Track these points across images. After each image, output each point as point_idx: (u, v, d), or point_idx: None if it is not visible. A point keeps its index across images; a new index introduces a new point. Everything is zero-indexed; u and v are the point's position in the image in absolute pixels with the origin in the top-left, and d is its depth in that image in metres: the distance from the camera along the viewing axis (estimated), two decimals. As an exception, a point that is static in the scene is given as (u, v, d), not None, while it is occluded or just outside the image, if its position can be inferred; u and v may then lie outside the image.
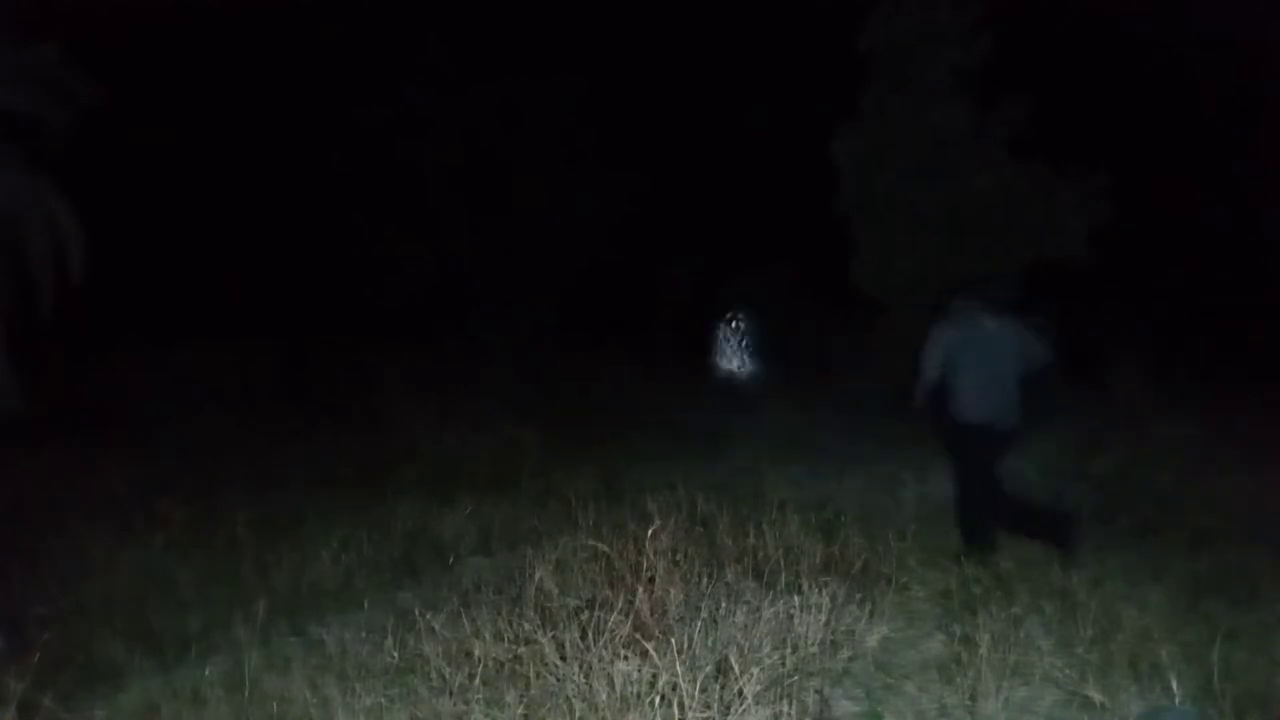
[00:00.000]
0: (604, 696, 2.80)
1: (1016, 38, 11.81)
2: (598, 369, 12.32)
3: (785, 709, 2.82)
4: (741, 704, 2.77)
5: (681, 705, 2.73)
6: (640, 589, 3.49)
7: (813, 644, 3.25)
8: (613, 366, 12.38)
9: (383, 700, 3.06)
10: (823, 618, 3.37)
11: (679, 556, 4.05)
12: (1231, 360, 10.71)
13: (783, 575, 3.93)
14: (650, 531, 3.95)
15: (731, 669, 2.90)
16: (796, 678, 3.02)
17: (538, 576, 3.79)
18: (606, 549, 4.05)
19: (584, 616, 3.37)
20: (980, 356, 4.55)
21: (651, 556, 3.77)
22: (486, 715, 2.88)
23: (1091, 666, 3.24)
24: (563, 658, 3.05)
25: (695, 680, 2.79)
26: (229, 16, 12.84)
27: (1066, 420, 8.10)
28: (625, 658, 3.00)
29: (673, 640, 2.94)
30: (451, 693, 3.01)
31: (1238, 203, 12.83)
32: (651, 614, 3.35)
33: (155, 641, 3.83)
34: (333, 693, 3.06)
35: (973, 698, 3.04)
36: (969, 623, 3.60)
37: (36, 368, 8.19)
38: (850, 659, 3.32)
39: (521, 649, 3.14)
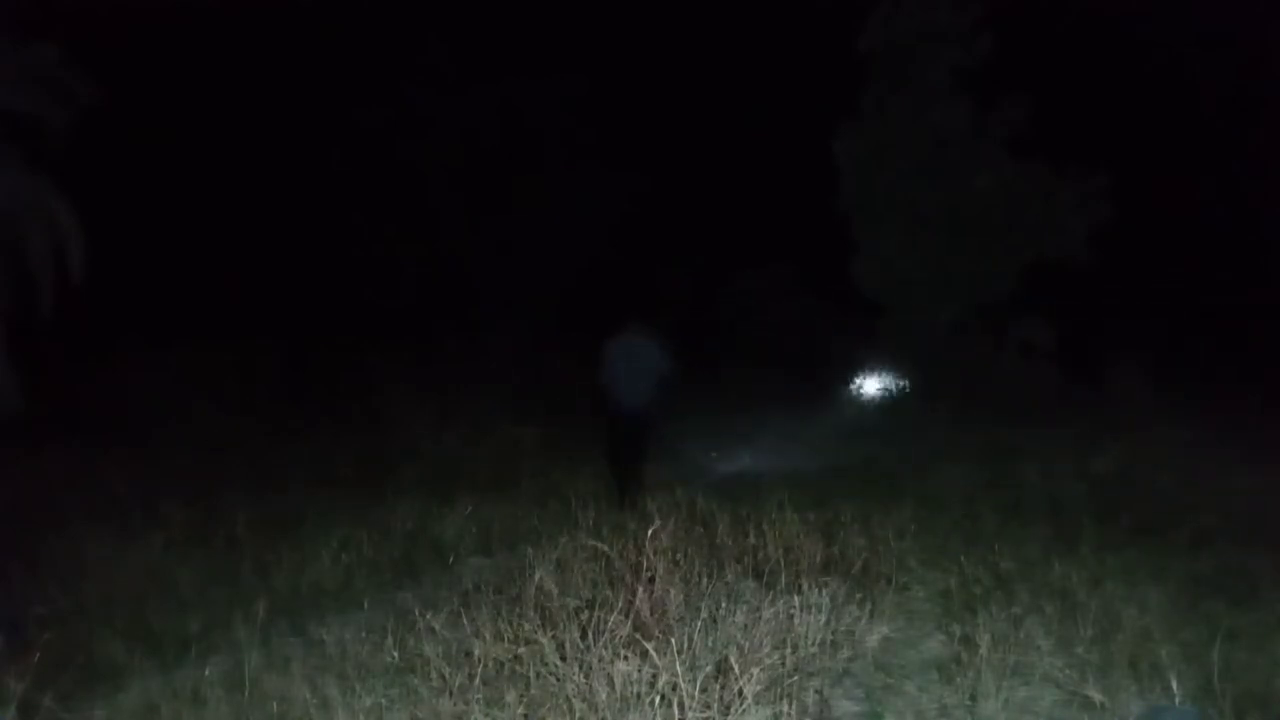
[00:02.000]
0: (604, 696, 2.79)
1: (1016, 38, 11.81)
2: (598, 369, 12.29)
3: (785, 709, 2.82)
4: (741, 704, 2.77)
5: (681, 705, 2.72)
6: (640, 589, 3.49)
7: (813, 644, 3.25)
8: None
9: (383, 700, 3.06)
10: (823, 618, 3.36)
11: (679, 556, 4.05)
12: (1231, 360, 10.71)
13: (782, 575, 3.93)
14: (650, 531, 3.94)
15: (731, 669, 2.89)
16: (796, 678, 3.01)
17: (538, 576, 3.78)
18: (606, 549, 4.05)
19: (584, 616, 3.36)
20: (632, 365, 6.60)
21: (651, 556, 3.76)
22: (487, 715, 2.88)
23: (1091, 666, 3.24)
24: (563, 658, 3.04)
25: (695, 680, 2.78)
26: (229, 16, 12.85)
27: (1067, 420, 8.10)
28: (625, 658, 3.00)
29: (673, 640, 2.94)
30: (452, 693, 3.01)
31: (1238, 203, 12.82)
32: (651, 614, 3.35)
33: (155, 641, 3.83)
34: (333, 693, 3.06)
35: (973, 698, 3.03)
36: (969, 623, 3.60)
37: (36, 368, 8.18)
38: (850, 659, 3.31)
39: (521, 649, 3.14)
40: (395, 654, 3.37)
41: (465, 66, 14.47)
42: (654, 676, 2.85)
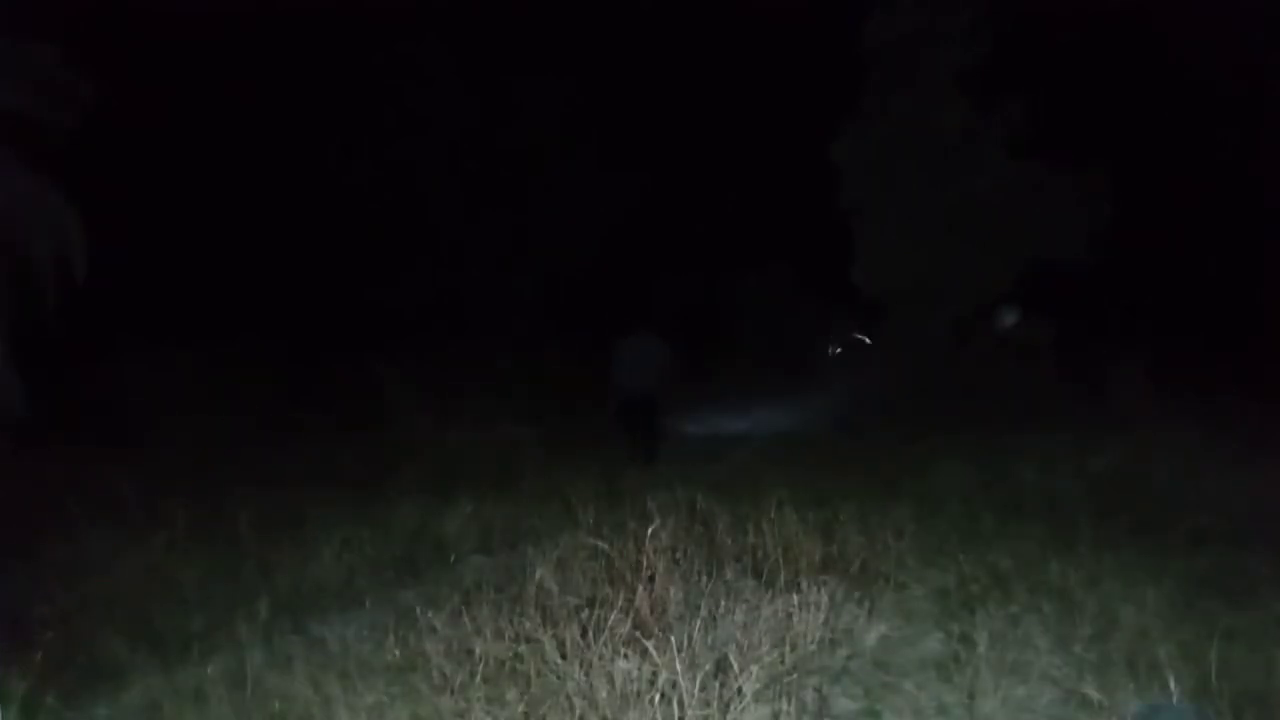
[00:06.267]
0: (604, 694, 2.81)
1: (1017, 37, 11.82)
2: (598, 369, 12.31)
3: (784, 707, 2.84)
4: (741, 702, 2.79)
5: (681, 703, 2.74)
6: (640, 587, 3.51)
7: (811, 642, 3.27)
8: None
9: (384, 698, 3.08)
10: (821, 616, 3.38)
11: (679, 555, 4.07)
12: (1231, 360, 10.70)
13: (781, 574, 3.95)
14: (650, 530, 3.97)
15: (731, 667, 2.91)
16: (795, 676, 3.03)
17: (538, 575, 3.81)
18: (607, 547, 4.07)
19: (584, 615, 3.39)
20: (639, 358, 8.22)
21: (651, 555, 3.78)
22: (487, 713, 2.89)
23: (1089, 665, 3.25)
24: (563, 656, 3.06)
25: (695, 678, 2.80)
26: (229, 16, 12.85)
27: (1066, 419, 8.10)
28: (625, 656, 3.02)
29: (672, 638, 2.96)
30: (453, 690, 3.02)
31: (1239, 202, 12.83)
32: (651, 612, 3.37)
33: (158, 640, 3.84)
34: (335, 691, 3.07)
35: (971, 696, 3.05)
36: (967, 621, 3.62)
37: (37, 367, 8.17)
38: (849, 657, 3.33)
39: (522, 647, 3.16)
40: (397, 652, 3.39)
41: (465, 66, 14.48)
42: (654, 674, 2.87)
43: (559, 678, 2.98)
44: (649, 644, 2.98)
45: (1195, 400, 8.60)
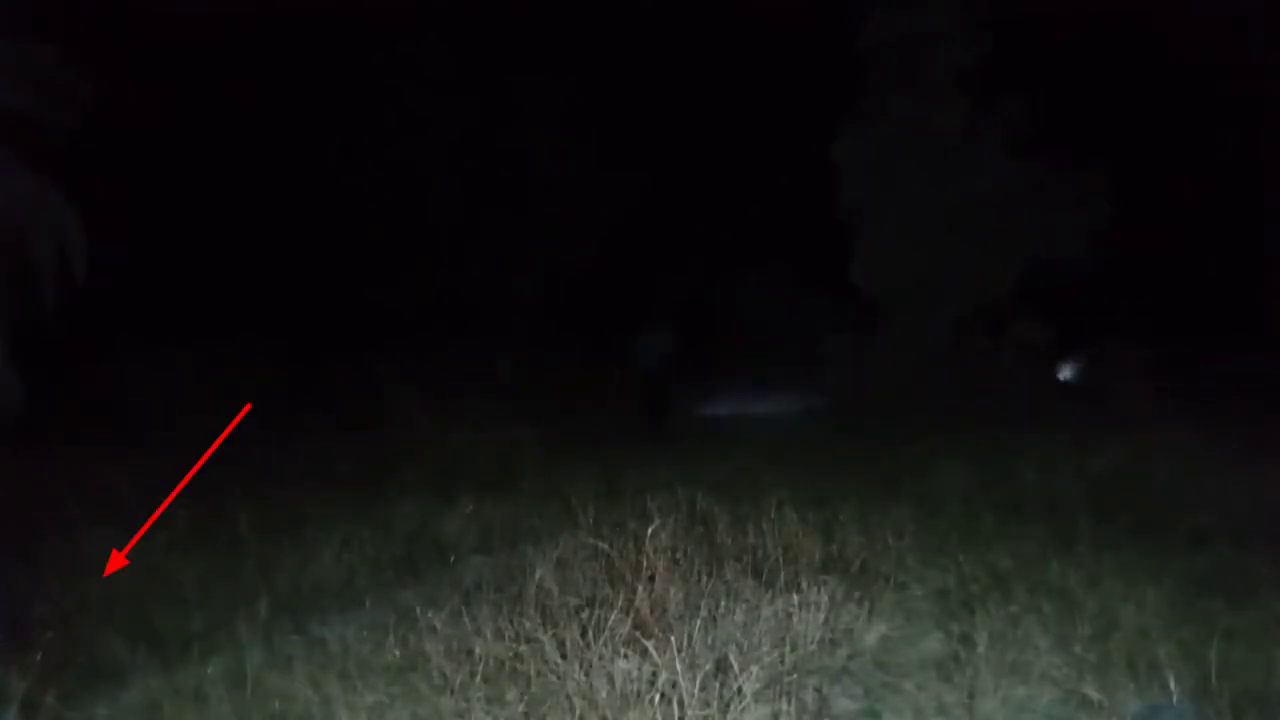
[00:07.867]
0: (604, 694, 2.81)
1: (1016, 37, 11.83)
2: (597, 369, 12.34)
3: (784, 707, 2.84)
4: (741, 702, 2.79)
5: (681, 703, 2.74)
6: (640, 587, 3.51)
7: (811, 642, 3.27)
8: (612, 366, 12.39)
9: (384, 698, 3.08)
10: (821, 616, 3.38)
11: (679, 555, 4.07)
12: (1231, 360, 10.71)
13: (781, 574, 3.95)
14: (650, 530, 3.97)
15: (731, 667, 2.91)
16: (795, 676, 3.04)
17: (538, 575, 3.81)
18: (607, 548, 4.07)
19: (584, 615, 3.39)
20: (649, 349, 10.52)
21: (651, 555, 3.79)
22: (488, 713, 2.90)
23: (1089, 665, 3.25)
24: (563, 656, 3.06)
25: (695, 678, 2.80)
26: (229, 16, 12.86)
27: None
28: (625, 656, 3.03)
29: (672, 638, 2.96)
30: (453, 690, 3.03)
31: (1239, 202, 12.84)
32: (651, 612, 3.37)
33: (157, 640, 3.84)
34: (335, 691, 3.08)
35: (971, 696, 3.05)
36: (967, 621, 3.62)
37: (37, 367, 8.17)
38: (849, 657, 3.34)
39: (522, 647, 3.16)
40: (397, 652, 3.39)
41: (465, 66, 14.48)
42: (654, 674, 2.88)
43: (559, 678, 2.98)
44: (649, 644, 2.98)
45: (1195, 400, 8.61)
